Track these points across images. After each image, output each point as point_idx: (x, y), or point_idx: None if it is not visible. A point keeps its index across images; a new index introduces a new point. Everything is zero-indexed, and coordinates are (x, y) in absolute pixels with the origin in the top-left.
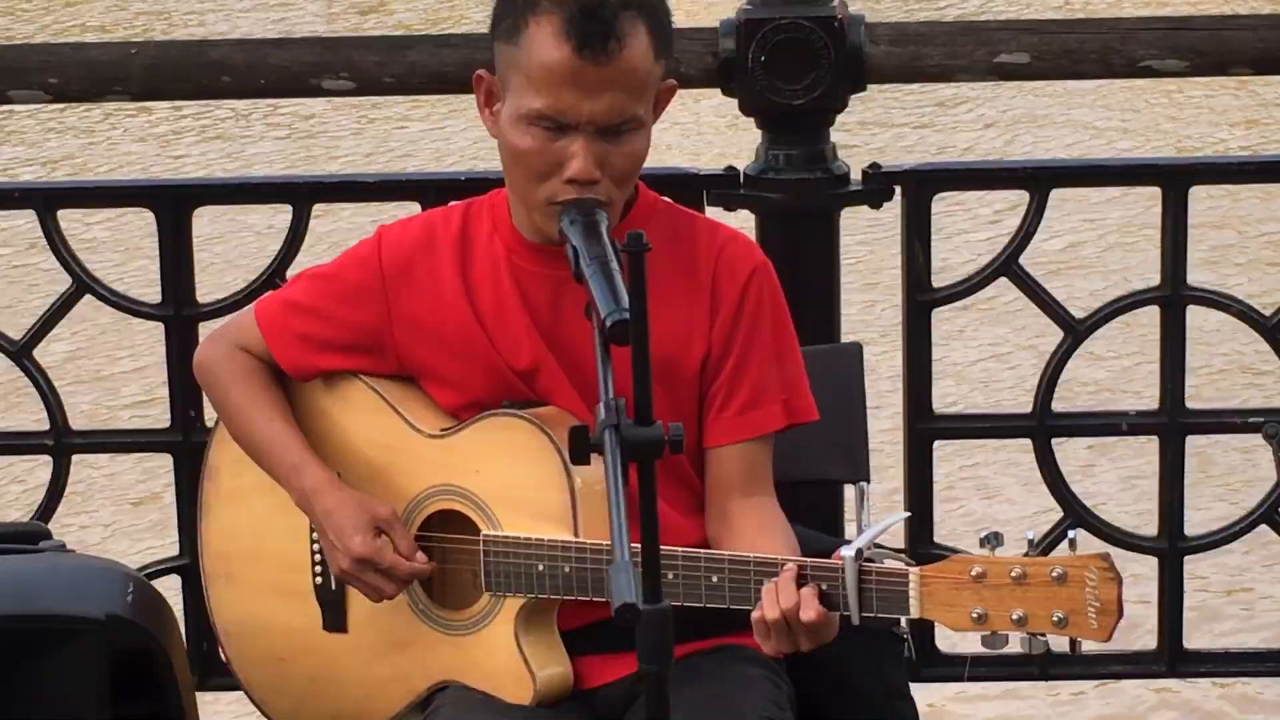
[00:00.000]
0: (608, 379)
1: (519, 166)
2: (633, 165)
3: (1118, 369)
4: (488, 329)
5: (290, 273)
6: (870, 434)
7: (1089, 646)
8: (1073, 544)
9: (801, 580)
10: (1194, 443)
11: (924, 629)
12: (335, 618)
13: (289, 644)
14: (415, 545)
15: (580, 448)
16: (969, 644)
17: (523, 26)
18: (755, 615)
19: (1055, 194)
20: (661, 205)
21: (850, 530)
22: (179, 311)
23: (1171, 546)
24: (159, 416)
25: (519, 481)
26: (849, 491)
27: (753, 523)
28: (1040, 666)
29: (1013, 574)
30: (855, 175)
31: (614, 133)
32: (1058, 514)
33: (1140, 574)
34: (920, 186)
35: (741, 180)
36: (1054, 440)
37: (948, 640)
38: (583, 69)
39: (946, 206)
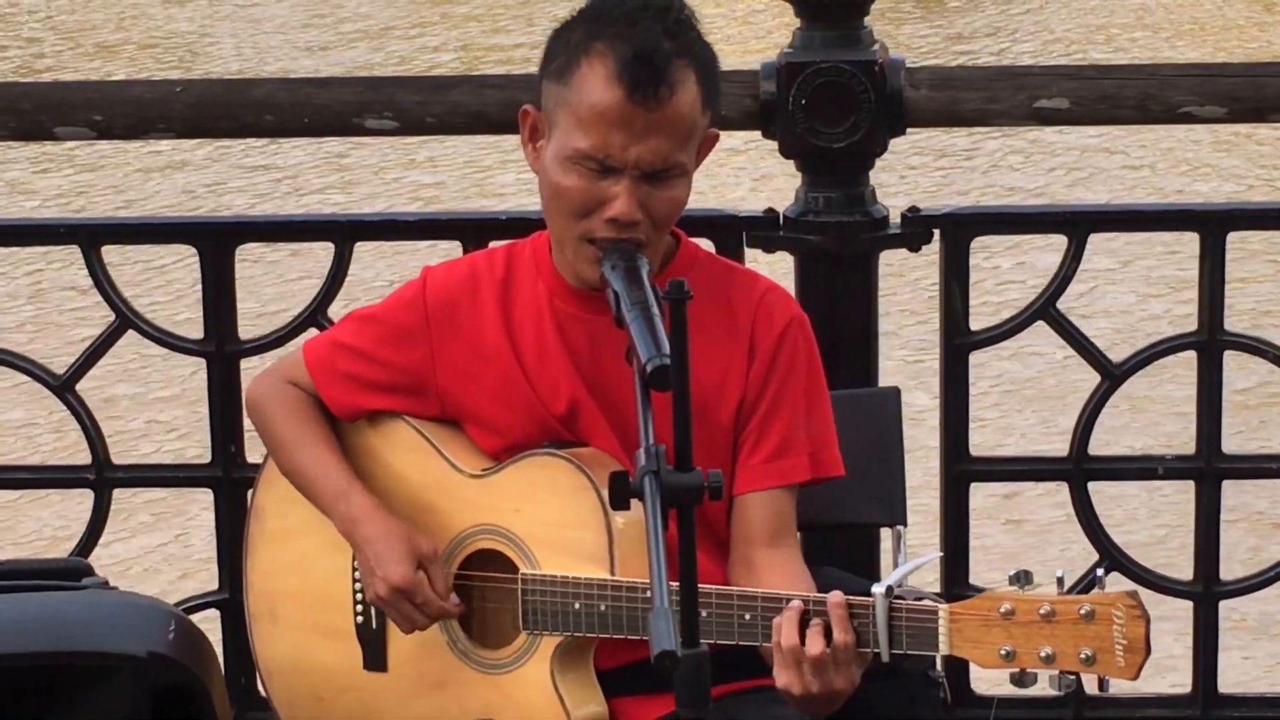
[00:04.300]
0: (648, 424)
1: (559, 203)
2: (673, 210)
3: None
4: (528, 373)
5: (332, 310)
6: None
7: (1122, 688)
8: (1101, 583)
9: (805, 617)
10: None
11: (958, 671)
12: (376, 657)
13: (329, 683)
14: (450, 586)
15: (620, 493)
16: (1005, 686)
17: (575, 67)
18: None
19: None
20: (702, 254)
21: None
22: (221, 348)
23: (1206, 590)
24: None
25: (557, 521)
26: (885, 535)
27: (778, 577)
28: (1075, 710)
29: (1041, 611)
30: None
31: (657, 177)
32: (1094, 556)
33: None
34: (959, 229)
35: (781, 222)
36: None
37: (982, 682)
38: (633, 113)
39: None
